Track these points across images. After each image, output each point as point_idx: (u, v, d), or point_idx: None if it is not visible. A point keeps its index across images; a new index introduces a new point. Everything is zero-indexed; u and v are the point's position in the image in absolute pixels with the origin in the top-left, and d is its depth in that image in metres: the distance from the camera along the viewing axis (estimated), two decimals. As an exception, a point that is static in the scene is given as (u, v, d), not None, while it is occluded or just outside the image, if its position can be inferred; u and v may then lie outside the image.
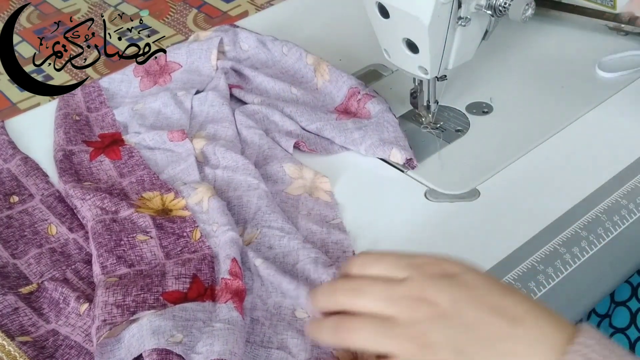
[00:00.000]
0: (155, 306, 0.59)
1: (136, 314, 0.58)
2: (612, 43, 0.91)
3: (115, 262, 0.64)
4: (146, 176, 0.75)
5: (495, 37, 0.77)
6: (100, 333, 0.57)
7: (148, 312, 0.58)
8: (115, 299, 0.59)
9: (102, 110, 0.87)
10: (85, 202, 0.71)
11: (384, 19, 0.74)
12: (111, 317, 0.58)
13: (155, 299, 0.59)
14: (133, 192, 0.74)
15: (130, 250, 0.66)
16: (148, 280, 0.61)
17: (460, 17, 0.71)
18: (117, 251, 0.65)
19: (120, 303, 0.59)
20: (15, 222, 0.74)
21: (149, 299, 0.59)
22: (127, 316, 0.58)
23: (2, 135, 0.85)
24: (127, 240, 0.66)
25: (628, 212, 0.69)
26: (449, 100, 0.85)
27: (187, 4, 2.66)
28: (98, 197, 0.71)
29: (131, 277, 0.63)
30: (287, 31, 1.00)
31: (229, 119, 0.81)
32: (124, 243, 0.66)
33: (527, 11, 0.71)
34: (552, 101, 0.83)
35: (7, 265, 0.69)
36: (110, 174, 0.77)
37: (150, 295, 0.60)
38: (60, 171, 0.76)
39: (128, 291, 0.60)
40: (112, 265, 0.64)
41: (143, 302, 0.59)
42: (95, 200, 0.70)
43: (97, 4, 2.71)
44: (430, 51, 0.72)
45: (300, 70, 0.89)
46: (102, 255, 0.65)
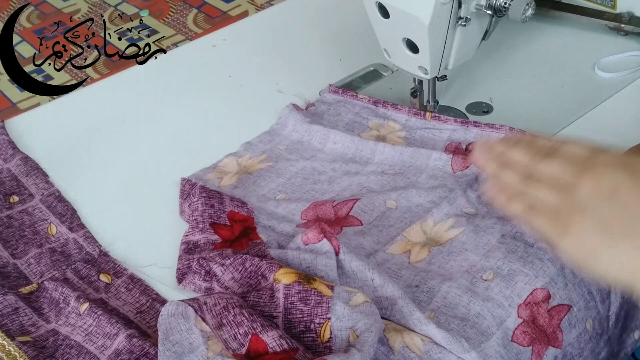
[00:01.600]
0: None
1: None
2: (612, 43, 0.91)
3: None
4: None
5: (495, 37, 0.77)
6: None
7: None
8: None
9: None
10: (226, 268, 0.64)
11: (384, 19, 0.74)
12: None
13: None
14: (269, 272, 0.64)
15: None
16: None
17: (460, 17, 0.71)
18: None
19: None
20: (15, 222, 0.74)
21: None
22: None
23: (2, 135, 0.85)
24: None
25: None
26: (449, 100, 0.85)
27: (187, 3, 2.65)
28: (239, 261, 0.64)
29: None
30: (287, 31, 1.00)
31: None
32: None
33: (527, 11, 0.71)
34: (552, 101, 0.83)
35: (7, 265, 0.69)
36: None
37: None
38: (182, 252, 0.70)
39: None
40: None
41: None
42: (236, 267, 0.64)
43: (97, 4, 2.71)
44: (430, 51, 0.72)
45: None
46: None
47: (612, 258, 0.53)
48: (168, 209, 0.75)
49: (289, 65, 0.95)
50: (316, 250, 0.64)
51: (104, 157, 0.83)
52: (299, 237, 0.66)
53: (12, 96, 2.28)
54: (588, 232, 0.54)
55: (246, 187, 0.76)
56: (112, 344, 0.60)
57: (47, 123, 0.87)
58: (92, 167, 0.82)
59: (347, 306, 0.58)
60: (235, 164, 0.79)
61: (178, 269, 0.67)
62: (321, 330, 0.57)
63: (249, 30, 1.05)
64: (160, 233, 0.73)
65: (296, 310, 0.59)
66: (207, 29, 2.48)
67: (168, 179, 0.79)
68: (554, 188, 0.56)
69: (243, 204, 0.72)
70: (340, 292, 0.59)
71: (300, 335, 0.58)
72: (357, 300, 0.58)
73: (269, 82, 0.92)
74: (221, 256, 0.64)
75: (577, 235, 0.54)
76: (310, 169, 0.77)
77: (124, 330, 0.60)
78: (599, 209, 0.54)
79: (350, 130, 0.81)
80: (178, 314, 0.57)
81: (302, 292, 0.59)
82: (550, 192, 0.56)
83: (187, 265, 0.67)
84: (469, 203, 0.70)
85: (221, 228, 0.70)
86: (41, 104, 0.97)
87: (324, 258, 0.64)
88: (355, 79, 0.91)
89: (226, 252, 0.66)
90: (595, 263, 0.54)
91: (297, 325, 0.58)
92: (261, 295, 0.61)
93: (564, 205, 0.55)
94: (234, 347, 0.55)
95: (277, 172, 0.77)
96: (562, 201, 0.55)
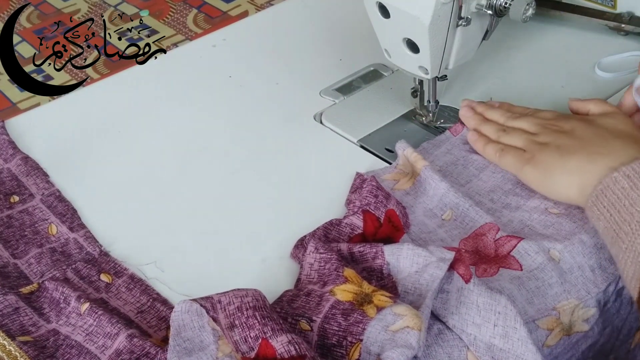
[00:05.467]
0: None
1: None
2: (612, 43, 0.91)
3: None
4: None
5: (495, 37, 0.77)
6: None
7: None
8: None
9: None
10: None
11: (384, 19, 0.74)
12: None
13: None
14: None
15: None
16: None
17: (460, 17, 0.71)
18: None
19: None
20: (15, 221, 0.74)
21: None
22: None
23: (2, 135, 0.85)
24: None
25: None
26: (449, 100, 0.85)
27: (187, 3, 2.65)
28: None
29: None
30: (287, 31, 1.00)
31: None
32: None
33: (527, 11, 0.71)
34: (552, 101, 0.83)
35: (7, 265, 0.69)
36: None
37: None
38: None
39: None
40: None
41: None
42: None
43: (97, 4, 2.71)
44: (431, 51, 0.72)
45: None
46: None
47: (564, 174, 0.64)
48: (168, 209, 0.75)
49: (289, 65, 0.95)
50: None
51: (104, 157, 0.83)
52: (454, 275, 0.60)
53: (12, 96, 2.28)
54: (546, 157, 0.66)
55: (417, 195, 0.71)
56: (112, 343, 0.60)
57: (47, 123, 0.87)
58: (93, 167, 0.82)
59: (384, 331, 0.56)
60: (402, 155, 0.75)
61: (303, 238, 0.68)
62: (351, 349, 0.57)
63: (249, 30, 1.05)
64: (160, 233, 0.73)
65: (334, 322, 0.58)
66: (207, 29, 2.48)
67: (168, 178, 0.79)
68: (521, 135, 0.70)
69: (405, 215, 0.69)
70: (386, 315, 0.57)
71: (331, 347, 0.57)
72: (399, 325, 0.55)
73: (269, 82, 0.92)
74: (327, 248, 0.63)
75: (537, 161, 0.67)
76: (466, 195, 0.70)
77: (125, 330, 0.60)
78: (557, 141, 0.67)
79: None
80: (192, 311, 0.57)
81: (349, 309, 0.58)
82: (519, 138, 0.70)
83: (307, 237, 0.67)
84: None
85: (372, 219, 0.67)
86: (41, 104, 0.97)
87: (433, 268, 0.59)
88: (355, 79, 0.91)
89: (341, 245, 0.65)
90: (552, 182, 0.66)
91: (331, 337, 0.58)
92: (309, 300, 0.61)
93: (529, 146, 0.69)
94: (244, 349, 0.55)
95: (442, 178, 0.71)
96: (527, 145, 0.69)
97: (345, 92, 0.89)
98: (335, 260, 0.62)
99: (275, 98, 0.90)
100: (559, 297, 0.61)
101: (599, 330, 0.63)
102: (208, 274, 0.68)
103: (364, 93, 0.88)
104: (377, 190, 0.69)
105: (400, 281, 0.61)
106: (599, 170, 0.61)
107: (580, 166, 0.64)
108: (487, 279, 0.61)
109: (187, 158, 0.82)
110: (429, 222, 0.69)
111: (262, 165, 0.80)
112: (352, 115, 0.84)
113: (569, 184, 0.64)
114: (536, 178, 0.67)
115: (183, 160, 0.81)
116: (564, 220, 0.66)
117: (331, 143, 0.82)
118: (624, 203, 0.58)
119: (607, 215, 0.59)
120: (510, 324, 0.56)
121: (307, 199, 0.75)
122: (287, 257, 0.68)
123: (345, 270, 0.61)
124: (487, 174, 0.73)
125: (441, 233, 0.67)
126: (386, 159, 0.78)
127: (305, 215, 0.72)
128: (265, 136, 0.84)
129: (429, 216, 0.70)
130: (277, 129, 0.85)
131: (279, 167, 0.80)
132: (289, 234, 0.70)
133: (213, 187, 0.78)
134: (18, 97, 2.27)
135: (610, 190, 0.59)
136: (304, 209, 0.73)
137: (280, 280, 0.66)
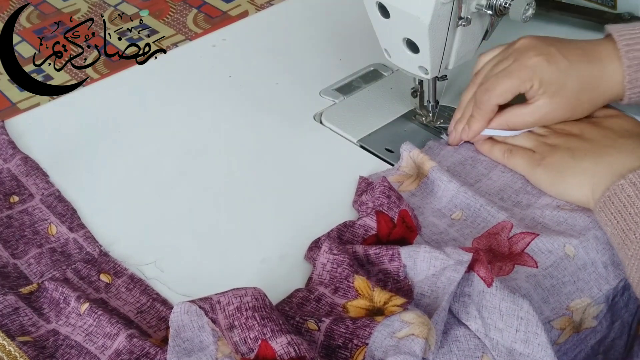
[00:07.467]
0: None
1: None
2: (613, 43, 0.91)
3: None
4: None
5: (495, 37, 0.77)
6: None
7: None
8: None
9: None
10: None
11: (384, 19, 0.74)
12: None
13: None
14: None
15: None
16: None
17: (460, 17, 0.71)
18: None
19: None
20: (15, 222, 0.74)
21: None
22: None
23: (2, 135, 0.85)
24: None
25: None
26: (450, 100, 0.84)
27: (187, 3, 2.65)
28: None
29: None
30: (287, 31, 1.00)
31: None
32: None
33: (527, 11, 0.71)
34: (552, 101, 0.83)
35: (7, 265, 0.69)
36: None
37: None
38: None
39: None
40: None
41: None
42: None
43: (97, 4, 2.71)
44: (431, 51, 0.72)
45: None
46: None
47: (576, 176, 0.65)
48: (168, 209, 0.75)
49: (289, 65, 0.95)
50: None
51: (104, 157, 0.83)
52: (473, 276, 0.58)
53: (12, 96, 2.28)
54: (557, 159, 0.67)
55: (424, 196, 0.71)
56: (112, 344, 0.60)
57: (47, 123, 0.87)
58: (92, 167, 0.82)
59: (390, 337, 0.55)
60: (408, 156, 0.74)
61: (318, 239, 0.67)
62: (356, 352, 0.56)
63: (249, 30, 1.05)
64: (160, 233, 0.73)
65: (342, 324, 0.58)
66: (207, 29, 2.48)
67: (168, 178, 0.79)
68: (530, 136, 0.71)
69: (415, 217, 0.69)
70: (394, 321, 0.56)
71: (336, 348, 0.57)
72: (405, 332, 0.55)
73: (269, 82, 0.92)
74: (342, 250, 0.63)
75: (549, 163, 0.67)
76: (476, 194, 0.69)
77: (125, 330, 0.60)
78: (567, 144, 0.68)
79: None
80: (192, 311, 0.57)
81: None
82: (527, 139, 0.71)
83: (322, 238, 0.67)
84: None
85: (385, 220, 0.67)
86: (41, 104, 0.96)
87: (451, 271, 0.58)
88: (355, 79, 0.91)
89: (356, 248, 0.64)
90: (564, 184, 0.66)
91: (337, 338, 0.58)
92: (320, 307, 0.61)
93: (539, 147, 0.70)
94: (243, 350, 0.55)
95: (451, 178, 0.70)
96: (537, 146, 0.70)
97: (345, 92, 0.89)
98: (347, 264, 0.62)
99: (275, 98, 0.90)
100: (572, 295, 0.61)
101: (607, 324, 0.63)
102: (208, 274, 0.68)
103: (364, 93, 0.88)
104: (389, 190, 0.68)
105: (417, 284, 0.61)
106: (610, 171, 0.62)
107: (591, 168, 0.64)
108: (503, 278, 0.61)
109: (187, 158, 0.82)
110: (438, 223, 0.69)
111: (262, 165, 0.80)
112: (352, 115, 0.84)
113: (580, 186, 0.65)
114: (548, 180, 0.68)
115: (183, 160, 0.81)
116: (577, 215, 0.66)
117: (331, 143, 0.82)
118: (629, 211, 0.59)
119: (614, 222, 0.60)
120: (532, 329, 0.56)
121: (307, 199, 0.75)
122: (287, 257, 0.68)
123: (355, 280, 0.61)
124: (496, 173, 0.73)
125: (453, 233, 0.67)
126: (386, 159, 0.78)
127: (306, 215, 0.72)
128: (265, 136, 0.84)
129: (437, 216, 0.69)
130: (277, 129, 0.85)
131: (279, 167, 0.80)
132: (289, 233, 0.70)
133: (213, 187, 0.78)
134: (18, 97, 2.27)
135: (617, 197, 0.60)
136: (304, 208, 0.73)
137: (280, 280, 0.65)
